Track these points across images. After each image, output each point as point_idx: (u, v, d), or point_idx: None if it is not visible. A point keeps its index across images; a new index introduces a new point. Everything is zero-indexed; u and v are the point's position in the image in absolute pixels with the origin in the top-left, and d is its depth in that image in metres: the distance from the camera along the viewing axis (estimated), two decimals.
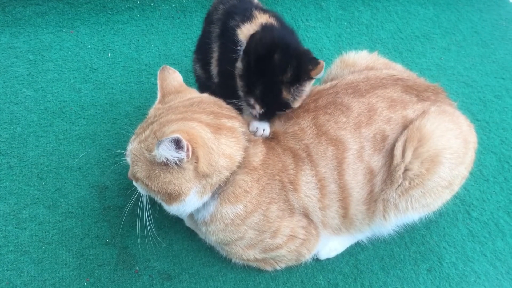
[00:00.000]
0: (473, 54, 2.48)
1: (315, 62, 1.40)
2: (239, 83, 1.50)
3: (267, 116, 1.51)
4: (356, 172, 1.47)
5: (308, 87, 1.48)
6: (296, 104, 1.49)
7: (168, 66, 1.53)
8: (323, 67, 1.39)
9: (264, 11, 1.61)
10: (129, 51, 2.28)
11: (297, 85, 1.43)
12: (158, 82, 1.51)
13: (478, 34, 2.59)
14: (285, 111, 1.51)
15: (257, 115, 1.51)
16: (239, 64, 1.48)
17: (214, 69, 1.65)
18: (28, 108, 2.02)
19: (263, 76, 1.44)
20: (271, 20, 1.55)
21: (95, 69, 2.19)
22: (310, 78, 1.44)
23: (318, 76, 1.42)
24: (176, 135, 1.20)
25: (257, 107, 1.48)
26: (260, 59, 1.42)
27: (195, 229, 1.68)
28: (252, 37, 1.43)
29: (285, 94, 1.44)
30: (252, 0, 1.72)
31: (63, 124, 1.98)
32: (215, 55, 1.64)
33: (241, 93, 1.51)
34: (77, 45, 2.27)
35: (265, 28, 1.50)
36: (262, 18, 1.55)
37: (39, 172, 1.83)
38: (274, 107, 1.49)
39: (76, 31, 2.32)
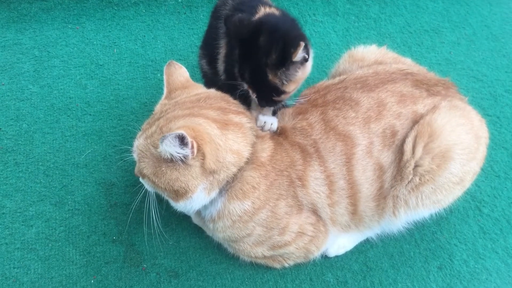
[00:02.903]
0: (483, 48, 2.45)
1: (296, 45, 1.35)
2: (236, 68, 1.48)
3: (264, 100, 1.49)
4: (365, 168, 1.46)
5: (301, 71, 1.44)
6: (288, 88, 1.45)
7: (174, 62, 1.52)
8: (301, 48, 1.34)
9: (270, 6, 1.58)
10: (135, 47, 2.27)
11: (283, 69, 1.40)
12: (165, 77, 1.50)
13: (488, 28, 2.56)
14: (279, 96, 1.47)
15: (256, 101, 1.49)
16: (236, 50, 1.46)
17: (220, 65, 1.64)
18: (34, 104, 2.01)
19: (250, 59, 1.42)
20: (273, 10, 1.53)
21: (101, 65, 2.18)
22: (292, 62, 1.39)
23: (297, 59, 1.37)
24: (180, 131, 1.19)
25: (250, 91, 1.47)
26: (244, 41, 1.40)
27: (203, 226, 1.66)
28: (229, 18, 1.41)
29: (272, 77, 1.41)
30: None
31: (69, 121, 1.97)
32: (222, 52, 1.62)
33: (239, 80, 1.49)
34: (82, 41, 2.26)
35: (265, 15, 1.48)
36: (265, 10, 1.53)
37: (45, 169, 1.83)
38: (264, 91, 1.46)
39: (81, 27, 2.31)
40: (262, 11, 1.52)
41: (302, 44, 1.34)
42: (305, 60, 1.41)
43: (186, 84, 1.51)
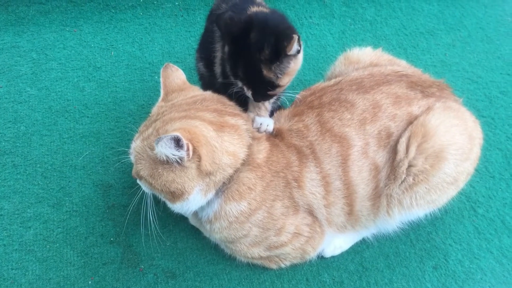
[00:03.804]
0: (478, 50, 2.47)
1: (289, 38, 1.36)
2: (227, 67, 1.50)
3: (259, 96, 1.50)
4: (361, 169, 1.47)
5: (293, 63, 1.44)
6: (283, 81, 1.46)
7: (171, 64, 1.53)
8: (295, 41, 1.36)
9: (261, 6, 1.59)
10: (132, 50, 2.28)
11: (277, 62, 1.41)
12: (161, 80, 1.51)
13: (483, 30, 2.57)
14: (274, 89, 1.48)
15: (251, 97, 1.50)
16: (225, 48, 1.48)
17: (217, 68, 1.65)
18: (32, 107, 2.02)
19: (243, 56, 1.43)
20: (262, 9, 1.54)
21: (98, 68, 2.19)
22: (287, 55, 1.41)
23: (292, 52, 1.38)
24: (175, 133, 1.20)
25: (245, 88, 1.48)
26: (236, 39, 1.41)
27: (200, 227, 1.67)
28: (219, 17, 1.42)
29: (266, 72, 1.42)
30: None
31: (67, 123, 1.98)
32: (218, 55, 1.63)
33: (232, 79, 1.51)
34: (80, 43, 2.27)
35: (254, 12, 1.49)
36: (254, 9, 1.54)
37: (43, 171, 1.83)
38: (259, 87, 1.47)
39: (79, 29, 2.32)
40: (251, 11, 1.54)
41: (296, 37, 1.35)
42: (297, 52, 1.42)
43: (182, 86, 1.52)
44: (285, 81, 1.47)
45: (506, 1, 2.75)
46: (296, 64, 1.46)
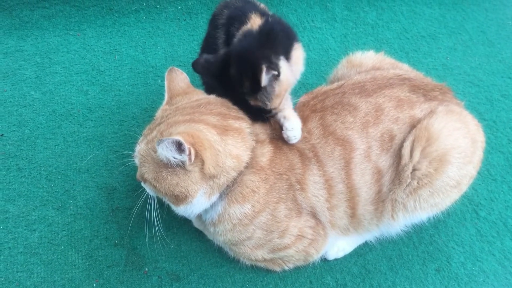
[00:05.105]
0: (479, 54, 2.48)
1: (259, 70, 1.35)
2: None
3: (258, 118, 1.53)
4: (363, 172, 1.47)
5: (278, 86, 1.42)
6: (273, 104, 1.46)
7: (175, 68, 1.54)
8: (263, 73, 1.34)
9: (262, 14, 1.59)
10: (135, 53, 2.29)
11: (260, 92, 1.41)
12: (166, 83, 1.52)
13: (484, 33, 2.59)
14: (268, 113, 1.50)
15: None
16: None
17: None
18: (36, 110, 2.03)
19: (229, 90, 1.46)
20: (256, 24, 1.53)
21: (102, 72, 2.20)
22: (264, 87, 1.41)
23: (265, 83, 1.37)
24: (177, 137, 1.21)
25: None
26: (218, 76, 1.44)
27: (203, 230, 1.68)
28: (195, 63, 1.46)
29: (253, 102, 1.45)
30: (256, 3, 1.71)
31: (71, 126, 1.99)
32: None
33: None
34: (84, 47, 2.29)
35: (233, 44, 1.50)
36: (254, 21, 1.54)
37: (47, 174, 1.84)
38: (254, 112, 1.50)
39: (83, 33, 2.34)
40: (251, 23, 1.54)
41: (263, 68, 1.34)
42: (277, 76, 1.40)
43: (187, 90, 1.53)
44: (276, 102, 1.46)
45: (507, 5, 2.77)
46: (282, 86, 1.44)
